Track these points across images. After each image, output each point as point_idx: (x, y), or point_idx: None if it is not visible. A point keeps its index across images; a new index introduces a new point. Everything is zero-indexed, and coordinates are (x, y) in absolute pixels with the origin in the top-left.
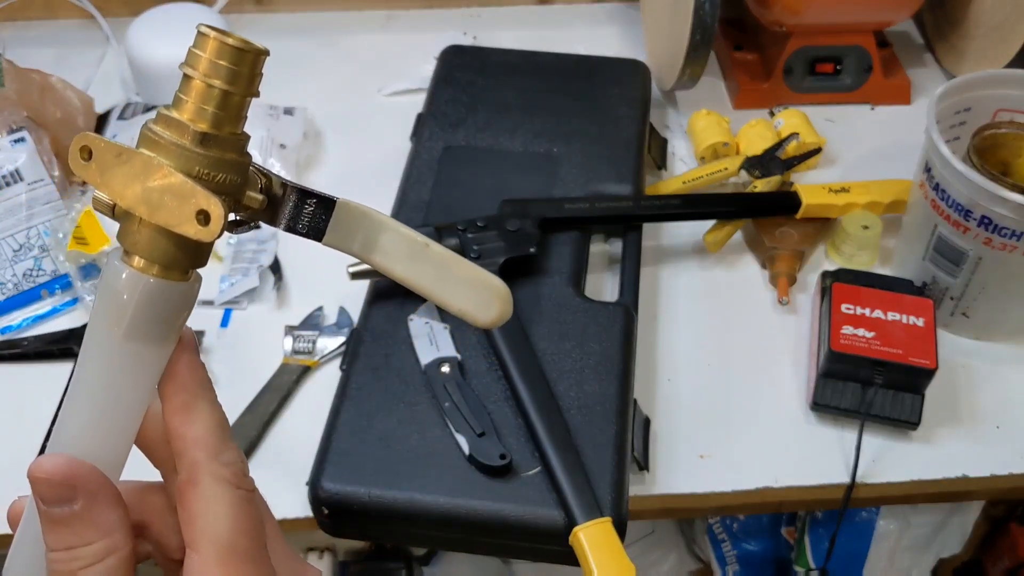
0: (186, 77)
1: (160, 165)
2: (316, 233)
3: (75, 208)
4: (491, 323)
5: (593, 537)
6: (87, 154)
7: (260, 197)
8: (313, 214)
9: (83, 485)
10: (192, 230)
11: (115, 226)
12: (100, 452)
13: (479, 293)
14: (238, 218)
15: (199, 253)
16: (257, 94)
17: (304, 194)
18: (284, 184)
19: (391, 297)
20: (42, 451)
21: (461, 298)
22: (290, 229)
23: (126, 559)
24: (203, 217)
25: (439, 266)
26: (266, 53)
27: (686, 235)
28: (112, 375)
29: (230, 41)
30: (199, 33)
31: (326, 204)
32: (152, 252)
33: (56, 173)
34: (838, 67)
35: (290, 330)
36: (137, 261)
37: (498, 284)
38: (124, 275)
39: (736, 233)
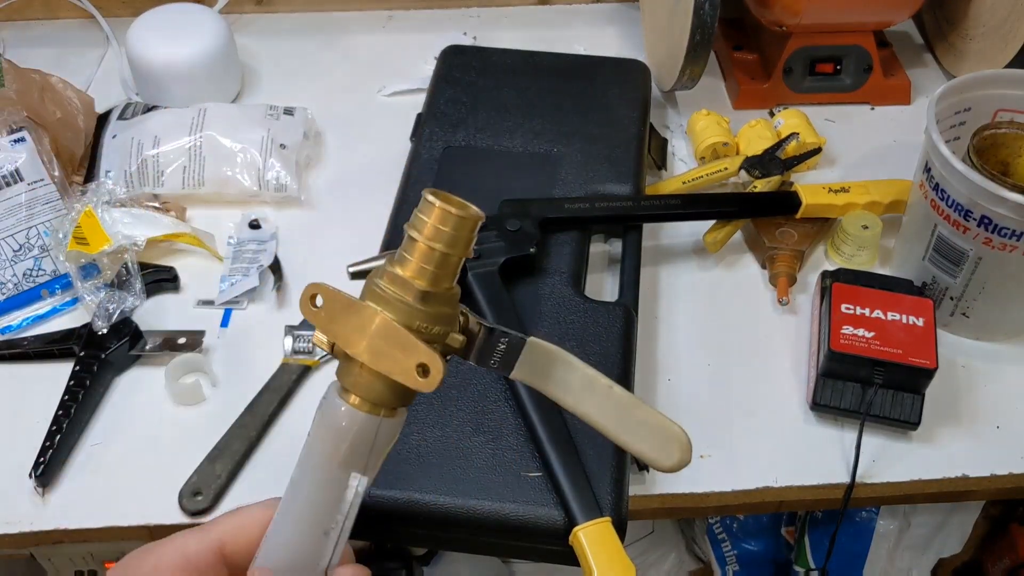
0: (410, 238)
1: (385, 319)
2: (506, 368)
3: (75, 208)
4: (671, 469)
5: (593, 537)
6: (316, 300)
7: (461, 338)
8: (505, 351)
9: None
10: (412, 382)
11: (115, 226)
12: (306, 554)
13: (659, 438)
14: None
15: (409, 395)
16: (472, 255)
17: (498, 333)
18: (480, 323)
19: None
20: (41, 451)
21: (642, 441)
22: (482, 363)
23: None
24: (422, 370)
25: (622, 408)
26: (482, 218)
27: (686, 235)
28: (324, 496)
29: (453, 210)
30: (425, 200)
31: (516, 343)
32: (369, 392)
33: (56, 173)
34: (838, 67)
35: (290, 330)
36: (353, 399)
37: (678, 431)
38: (343, 410)
39: (736, 233)
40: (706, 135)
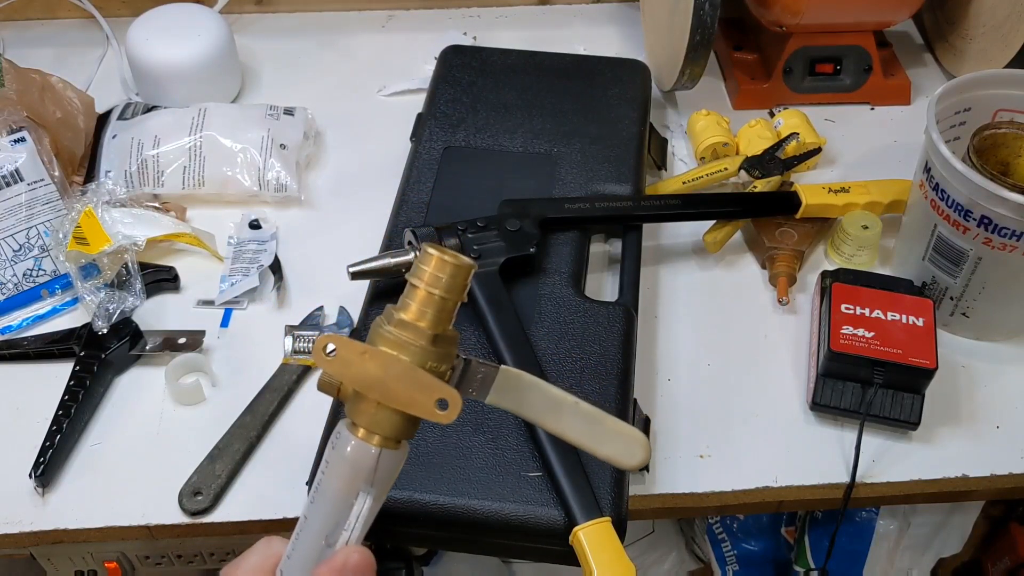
0: (412, 286)
1: (404, 362)
2: (482, 394)
3: (75, 208)
4: (636, 467)
5: (593, 537)
6: (328, 349)
7: (449, 372)
8: (481, 380)
9: None
10: (433, 415)
11: (115, 226)
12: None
13: (623, 443)
14: None
15: (414, 429)
16: (465, 299)
17: (475, 364)
18: (459, 356)
19: (391, 297)
20: (41, 451)
21: (608, 447)
22: (461, 391)
23: None
24: (442, 403)
25: (589, 421)
26: (474, 267)
27: (686, 235)
28: (336, 521)
29: (448, 259)
30: (424, 252)
31: (491, 372)
32: (385, 428)
33: (56, 173)
34: (838, 67)
35: (290, 330)
36: (364, 433)
37: (638, 435)
38: (353, 444)
39: (736, 233)
40: (706, 135)
